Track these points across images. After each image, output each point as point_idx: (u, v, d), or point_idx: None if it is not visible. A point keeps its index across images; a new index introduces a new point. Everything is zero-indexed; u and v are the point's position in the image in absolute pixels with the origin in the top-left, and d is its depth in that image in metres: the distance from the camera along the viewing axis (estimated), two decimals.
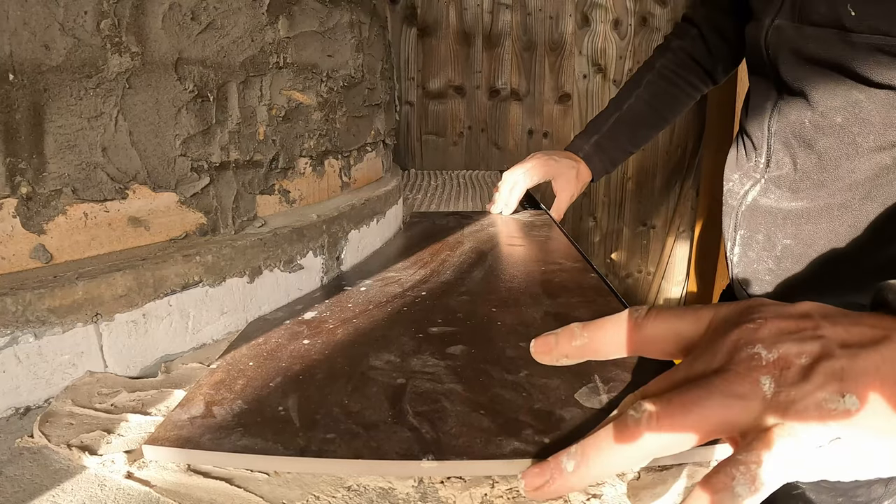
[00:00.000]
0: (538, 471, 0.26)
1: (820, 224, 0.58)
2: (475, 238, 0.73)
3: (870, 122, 0.53)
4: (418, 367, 0.38)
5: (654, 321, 0.29)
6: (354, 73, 0.64)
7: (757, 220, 0.64)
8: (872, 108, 0.53)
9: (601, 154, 0.90)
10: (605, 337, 0.30)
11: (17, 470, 0.29)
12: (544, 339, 0.31)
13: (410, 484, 0.28)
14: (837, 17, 0.53)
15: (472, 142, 1.83)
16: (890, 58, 0.50)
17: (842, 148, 0.56)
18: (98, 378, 0.37)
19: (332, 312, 0.47)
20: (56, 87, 0.36)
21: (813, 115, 0.58)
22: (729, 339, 0.26)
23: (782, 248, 0.61)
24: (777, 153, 0.62)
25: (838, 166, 0.56)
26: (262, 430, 0.30)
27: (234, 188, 0.48)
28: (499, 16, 1.74)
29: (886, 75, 0.51)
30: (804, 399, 0.23)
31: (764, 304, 0.27)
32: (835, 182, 0.57)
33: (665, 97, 0.86)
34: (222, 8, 0.45)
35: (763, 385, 0.24)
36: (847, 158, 0.56)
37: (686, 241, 1.97)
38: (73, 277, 0.36)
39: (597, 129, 0.90)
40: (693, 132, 1.85)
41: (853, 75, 0.53)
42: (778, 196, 0.62)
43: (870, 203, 0.55)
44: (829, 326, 0.25)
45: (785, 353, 0.24)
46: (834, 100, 0.55)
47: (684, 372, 0.26)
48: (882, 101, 0.52)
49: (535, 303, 0.49)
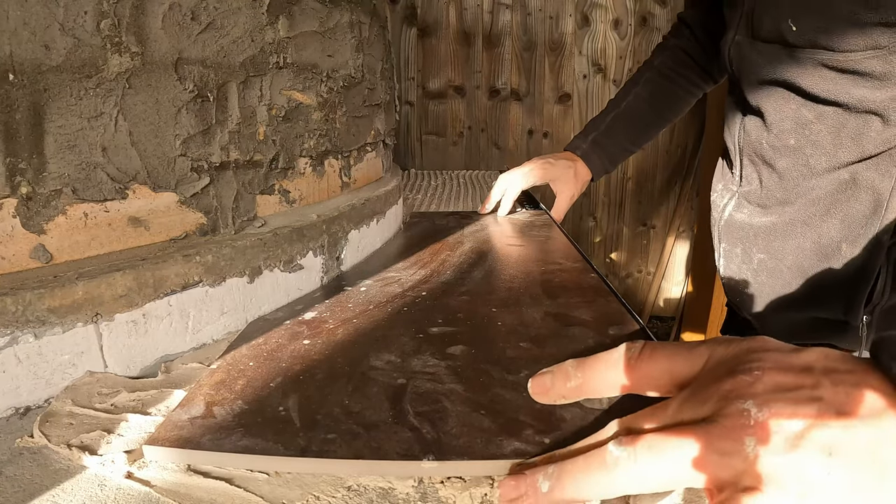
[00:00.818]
0: (514, 484, 0.26)
1: (787, 240, 0.59)
2: (475, 238, 0.73)
3: (820, 144, 0.54)
4: (419, 367, 0.38)
5: (648, 361, 0.28)
6: (354, 73, 0.64)
7: (734, 234, 0.65)
8: (822, 129, 0.53)
9: (599, 152, 0.89)
10: (600, 377, 0.30)
11: (17, 470, 0.29)
12: (540, 380, 0.31)
13: (410, 484, 0.28)
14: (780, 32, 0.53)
15: (472, 142, 1.83)
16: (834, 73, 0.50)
17: (798, 169, 0.56)
18: (98, 378, 0.37)
19: (333, 312, 0.47)
20: (56, 87, 0.36)
21: (769, 135, 0.58)
22: (722, 388, 0.25)
23: (758, 262, 0.62)
24: (746, 168, 0.63)
25: (797, 185, 0.57)
26: (262, 430, 0.30)
27: (234, 188, 0.48)
28: (499, 16, 1.74)
29: (832, 91, 0.51)
30: (787, 471, 0.22)
31: (766, 349, 0.26)
32: (797, 199, 0.57)
33: (664, 95, 0.85)
34: (222, 8, 0.45)
35: (747, 446, 0.23)
36: (804, 178, 0.56)
37: (686, 241, 1.97)
38: (73, 277, 0.36)
39: (595, 128, 0.90)
40: (693, 132, 1.85)
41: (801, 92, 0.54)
42: (750, 211, 0.63)
43: (830, 219, 0.55)
44: (829, 387, 0.24)
45: (776, 413, 0.23)
46: (785, 121, 0.56)
47: (673, 412, 0.26)
48: (831, 120, 0.52)
49: (536, 303, 0.49)
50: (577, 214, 1.93)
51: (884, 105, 0.49)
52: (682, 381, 0.28)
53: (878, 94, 0.49)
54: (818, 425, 0.22)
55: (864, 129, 0.50)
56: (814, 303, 0.58)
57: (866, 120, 0.50)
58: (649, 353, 0.29)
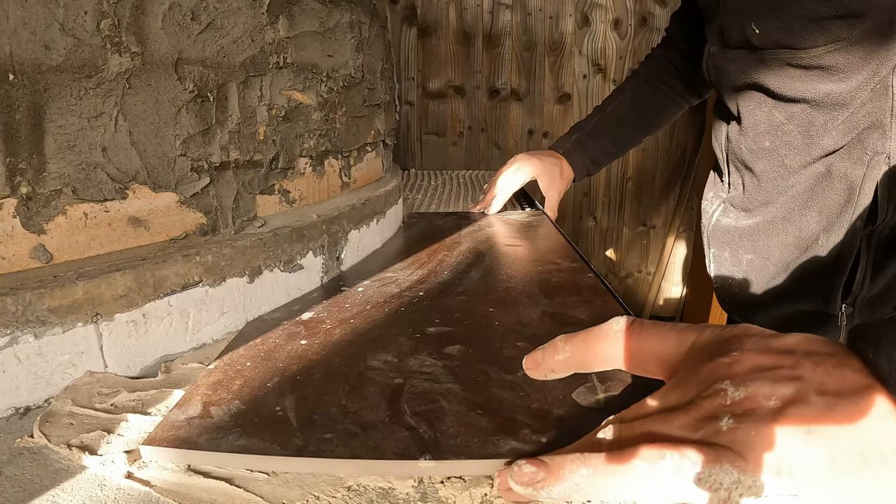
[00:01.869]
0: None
1: (771, 238, 0.61)
2: (473, 238, 0.73)
3: (792, 144, 0.56)
4: (416, 367, 0.38)
5: (637, 338, 0.28)
6: (354, 73, 0.64)
7: (721, 239, 0.67)
8: (793, 129, 0.55)
9: (582, 152, 0.91)
10: (587, 350, 0.30)
11: (17, 470, 0.29)
12: (533, 356, 0.31)
13: (410, 484, 0.28)
14: (746, 37, 0.55)
15: (472, 142, 1.83)
16: (799, 70, 0.52)
17: (775, 170, 0.58)
18: (98, 378, 0.37)
19: (330, 313, 0.48)
20: (56, 87, 0.36)
21: (746, 140, 0.60)
22: (702, 372, 0.25)
23: (747, 263, 0.64)
24: (733, 175, 0.66)
25: (776, 186, 0.59)
26: (259, 430, 0.31)
27: (234, 188, 0.49)
28: (499, 16, 1.74)
29: (799, 89, 0.53)
30: (763, 447, 0.22)
31: (748, 335, 0.26)
32: (778, 197, 0.59)
33: (648, 100, 0.88)
34: (222, 8, 0.45)
35: (721, 423, 0.23)
36: (781, 179, 0.58)
37: (686, 241, 1.97)
38: (73, 277, 0.36)
39: (579, 129, 0.92)
40: (693, 132, 1.85)
41: (771, 94, 0.56)
42: (736, 216, 0.65)
43: (808, 212, 0.57)
44: (809, 367, 0.23)
45: (754, 392, 0.23)
46: (759, 124, 0.58)
47: (659, 401, 0.26)
48: (800, 119, 0.54)
49: (533, 303, 0.49)
50: (577, 214, 1.93)
51: (849, 95, 0.50)
52: (669, 365, 0.28)
53: (843, 87, 0.50)
54: (797, 403, 0.22)
55: (832, 122, 0.52)
56: (797, 296, 0.60)
57: (833, 114, 0.52)
58: (638, 330, 0.29)
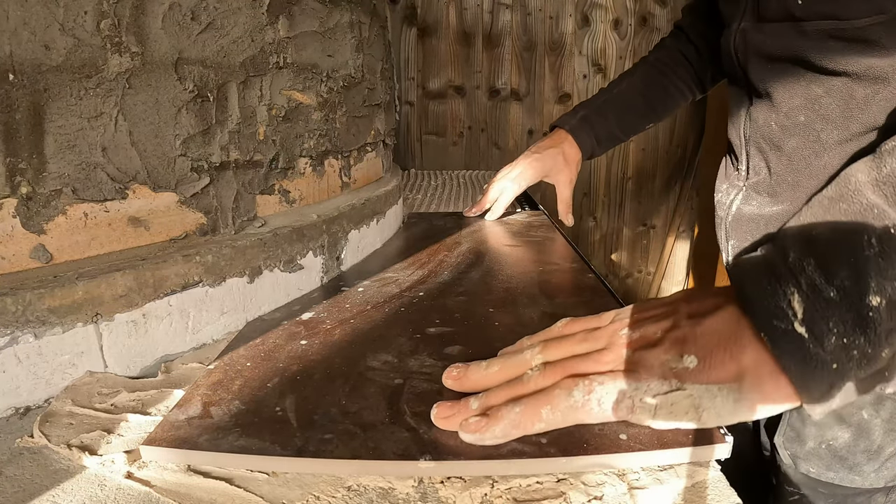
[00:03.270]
0: (449, 405, 0.31)
1: None
2: (473, 239, 0.73)
3: (830, 117, 0.54)
4: (416, 367, 0.38)
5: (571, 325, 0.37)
6: (354, 73, 0.64)
7: (743, 228, 0.65)
8: (831, 103, 0.54)
9: (588, 128, 0.88)
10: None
11: (17, 470, 0.29)
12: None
13: (410, 484, 0.28)
14: (788, 8, 0.54)
15: (472, 142, 1.83)
16: (842, 43, 0.51)
17: (808, 146, 0.57)
18: (98, 378, 0.37)
19: (330, 313, 0.48)
20: (56, 87, 0.36)
21: (778, 116, 0.59)
22: (611, 327, 0.33)
23: None
24: (753, 159, 0.63)
25: (809, 165, 0.57)
26: (259, 430, 0.31)
27: (234, 188, 0.49)
28: (499, 16, 1.74)
29: (840, 62, 0.52)
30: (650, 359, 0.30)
31: (649, 301, 0.34)
32: (808, 181, 0.57)
33: (656, 87, 0.86)
34: (222, 8, 0.45)
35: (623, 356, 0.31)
36: (815, 156, 0.56)
37: (686, 241, 1.97)
38: (73, 277, 0.36)
39: (584, 107, 0.89)
40: (693, 132, 1.85)
41: (810, 66, 0.54)
42: (759, 202, 0.63)
43: None
44: (683, 305, 0.32)
45: (644, 332, 0.32)
46: (794, 98, 0.56)
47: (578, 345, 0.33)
48: (839, 92, 0.53)
49: (533, 303, 0.49)
50: (576, 214, 1.92)
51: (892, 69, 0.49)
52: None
53: (884, 62, 0.49)
54: (673, 329, 0.31)
55: (873, 98, 0.51)
56: None
57: (874, 88, 0.51)
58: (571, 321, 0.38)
